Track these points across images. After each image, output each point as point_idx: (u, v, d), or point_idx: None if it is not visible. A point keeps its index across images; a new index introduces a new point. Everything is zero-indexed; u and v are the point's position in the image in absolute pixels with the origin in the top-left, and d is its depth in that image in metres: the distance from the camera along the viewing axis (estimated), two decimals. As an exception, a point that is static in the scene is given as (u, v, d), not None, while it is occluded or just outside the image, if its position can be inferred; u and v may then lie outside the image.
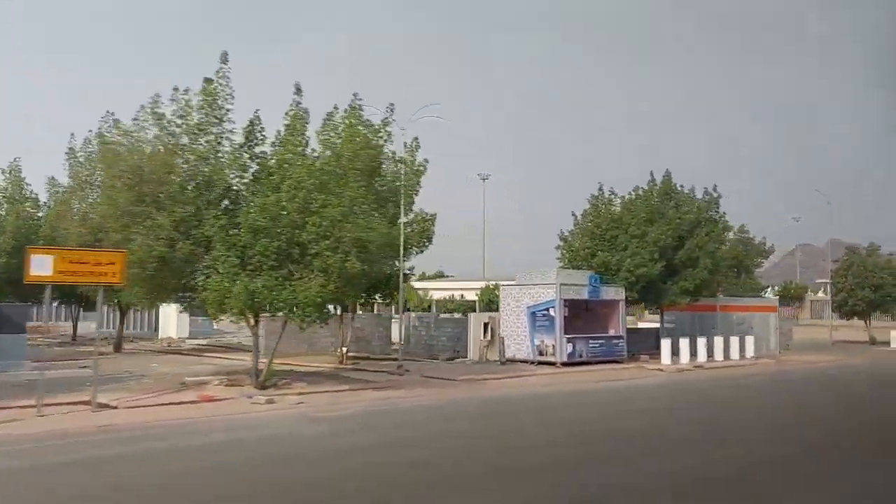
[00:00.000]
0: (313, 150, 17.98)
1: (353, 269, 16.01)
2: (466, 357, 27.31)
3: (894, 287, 40.60)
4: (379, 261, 18.55)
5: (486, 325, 27.38)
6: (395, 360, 28.45)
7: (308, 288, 16.22)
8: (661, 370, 25.32)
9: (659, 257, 27.03)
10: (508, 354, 25.98)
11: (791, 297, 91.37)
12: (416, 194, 25.71)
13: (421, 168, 25.49)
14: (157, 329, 40.33)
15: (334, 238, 15.98)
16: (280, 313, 17.19)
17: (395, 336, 32.93)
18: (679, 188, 29.29)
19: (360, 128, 16.79)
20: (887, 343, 38.76)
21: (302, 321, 16.74)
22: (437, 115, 25.71)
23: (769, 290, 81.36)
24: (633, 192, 28.45)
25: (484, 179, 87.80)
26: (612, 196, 28.01)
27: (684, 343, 26.91)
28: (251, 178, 17.29)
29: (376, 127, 18.57)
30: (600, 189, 28.11)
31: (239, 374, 19.47)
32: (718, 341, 28.37)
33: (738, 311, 32.79)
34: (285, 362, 26.45)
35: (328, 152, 17.05)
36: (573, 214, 28.62)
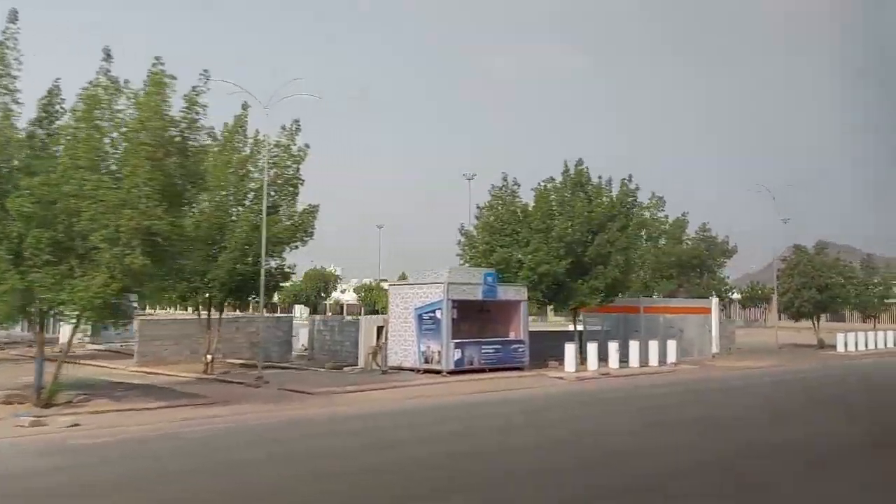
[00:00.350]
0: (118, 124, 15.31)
1: (135, 264, 13.37)
2: (358, 364, 24.74)
3: (842, 287, 38.41)
4: (182, 255, 15.88)
5: (380, 329, 24.85)
6: (287, 367, 26.00)
7: (87, 287, 13.60)
8: (562, 378, 22.86)
9: (565, 254, 24.56)
10: (395, 362, 23.47)
11: (758, 297, 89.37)
12: (300, 184, 23.25)
13: (301, 154, 22.99)
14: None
15: (112, 228, 13.36)
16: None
17: (306, 341, 30.66)
18: (597, 179, 26.76)
19: (158, 98, 14.15)
20: (835, 346, 36.51)
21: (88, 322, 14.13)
22: (308, 94, 23.05)
23: (735, 291, 79.31)
24: (542, 184, 25.96)
25: (469, 180, 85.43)
26: (516, 187, 25.49)
27: (592, 348, 24.48)
28: (31, 156, 14.62)
29: (184, 98, 15.78)
30: (504, 180, 25.61)
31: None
32: (634, 346, 25.96)
33: (666, 313, 30.41)
34: (143, 370, 23.85)
35: (122, 128, 14.36)
36: (477, 207, 26.14)
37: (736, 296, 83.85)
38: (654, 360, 26.43)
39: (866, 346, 37.29)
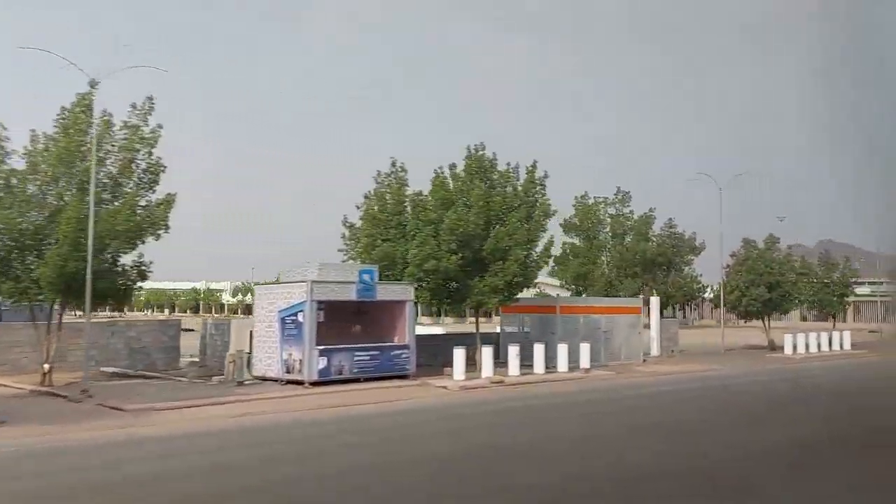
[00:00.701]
0: None
1: None
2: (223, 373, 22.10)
3: (793, 285, 35.93)
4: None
5: (252, 333, 22.25)
6: (152, 377, 23.46)
7: None
8: (446, 388, 20.31)
9: (459, 248, 22.02)
10: (260, 371, 20.90)
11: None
12: (161, 171, 20.67)
13: (154, 137, 20.41)
14: None
15: None
16: None
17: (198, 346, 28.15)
18: (505, 167, 24.14)
19: None
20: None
21: None
22: (154, 66, 20.37)
23: (710, 290, 76.89)
24: (439, 171, 23.36)
25: None
26: (404, 173, 22.84)
27: (488, 353, 21.91)
28: None
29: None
30: (392, 165, 22.98)
31: None
32: (539, 349, 23.40)
33: (588, 313, 27.88)
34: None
35: None
36: (365, 196, 23.49)
37: (709, 295, 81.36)
38: (563, 365, 23.88)
39: (819, 347, 34.83)
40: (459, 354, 21.26)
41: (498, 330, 29.06)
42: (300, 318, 19.65)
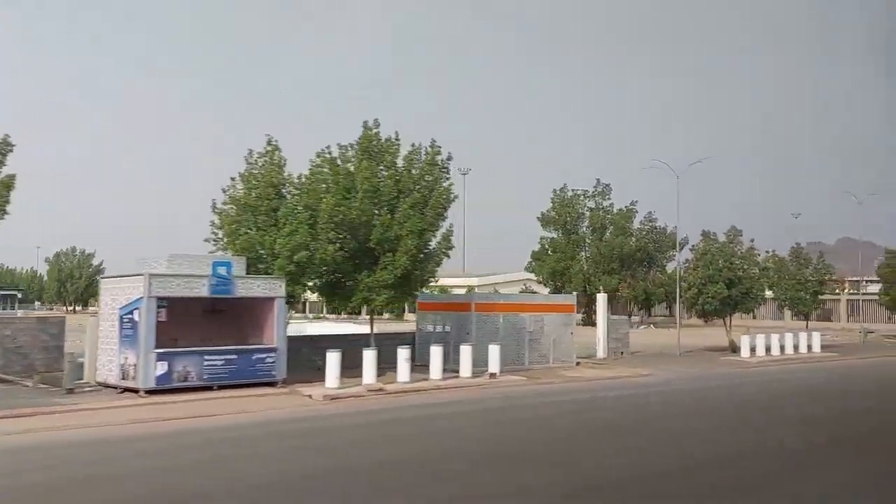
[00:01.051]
0: None
1: None
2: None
3: (756, 281, 32.97)
4: None
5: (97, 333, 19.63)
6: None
7: None
8: (311, 397, 17.67)
9: (340, 238, 19.37)
10: (101, 377, 18.36)
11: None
12: (9, 151, 18.26)
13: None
14: None
15: None
16: None
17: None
18: (408, 148, 21.40)
19: None
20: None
21: None
22: None
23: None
24: (326, 150, 20.66)
25: (464, 174, 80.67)
26: (279, 152, 20.07)
27: (369, 356, 19.22)
28: None
29: None
30: (269, 143, 20.24)
31: None
32: (437, 351, 20.66)
33: (509, 312, 25.12)
34: None
35: None
36: (232, 179, 20.64)
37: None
38: (466, 369, 21.15)
39: (782, 350, 31.92)
40: (333, 358, 18.58)
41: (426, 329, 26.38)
42: (136, 316, 17.05)
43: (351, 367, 19.33)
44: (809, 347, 33.29)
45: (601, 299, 32.19)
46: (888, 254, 49.35)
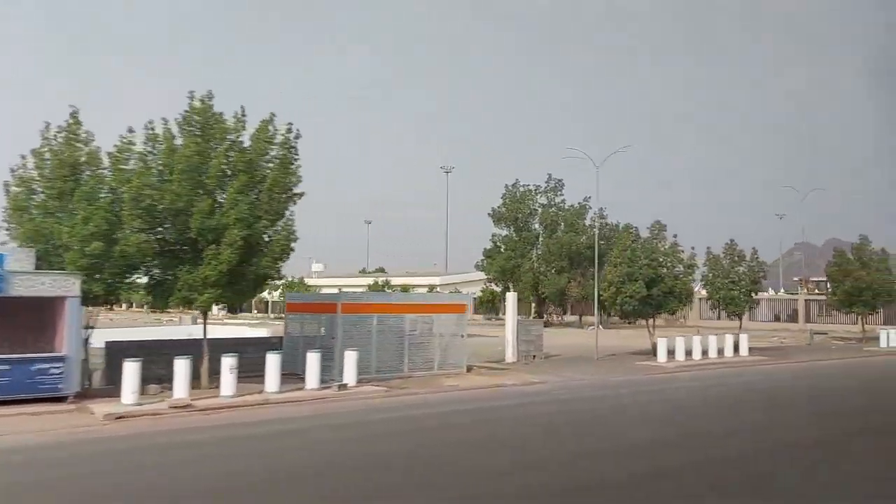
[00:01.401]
0: None
1: None
2: None
3: (677, 281, 30.44)
4: None
5: None
6: None
7: None
8: (94, 415, 14.69)
9: (152, 226, 16.43)
10: None
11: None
12: None
13: None
14: None
15: None
16: None
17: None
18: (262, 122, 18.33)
19: None
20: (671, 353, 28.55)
21: None
22: None
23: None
24: (148, 125, 17.61)
25: (447, 172, 77.38)
26: (78, 125, 16.99)
27: (181, 366, 16.28)
28: None
29: None
30: (72, 116, 17.11)
31: None
32: (273, 361, 17.74)
33: (385, 313, 22.27)
34: None
35: None
36: (22, 157, 17.47)
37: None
38: (313, 380, 18.26)
39: (705, 353, 29.49)
40: (131, 368, 15.60)
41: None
42: None
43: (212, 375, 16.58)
44: (736, 350, 30.94)
45: (511, 298, 29.54)
46: (836, 253, 47.37)
